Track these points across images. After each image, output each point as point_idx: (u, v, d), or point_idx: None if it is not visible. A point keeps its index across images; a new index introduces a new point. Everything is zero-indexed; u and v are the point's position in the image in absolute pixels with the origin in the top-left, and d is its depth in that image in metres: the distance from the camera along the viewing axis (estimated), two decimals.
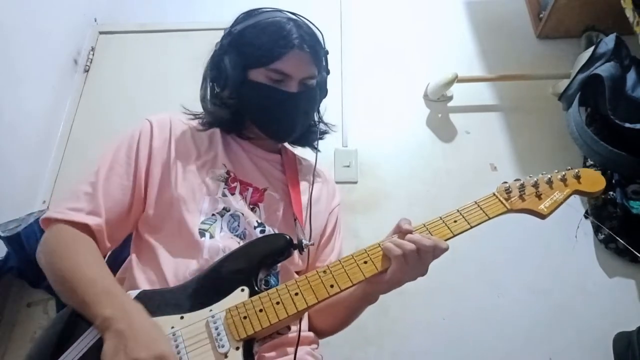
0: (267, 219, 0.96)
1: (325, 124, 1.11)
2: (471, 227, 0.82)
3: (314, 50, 0.96)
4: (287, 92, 0.95)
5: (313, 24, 1.01)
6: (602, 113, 1.58)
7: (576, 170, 0.87)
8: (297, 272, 1.00)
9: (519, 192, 0.85)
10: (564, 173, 0.87)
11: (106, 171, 0.91)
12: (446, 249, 0.80)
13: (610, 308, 1.52)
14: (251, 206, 0.96)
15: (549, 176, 0.87)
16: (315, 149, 1.08)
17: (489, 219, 0.83)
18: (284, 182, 1.03)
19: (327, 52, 1.04)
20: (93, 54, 2.10)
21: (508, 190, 0.86)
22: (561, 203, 0.84)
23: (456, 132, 1.85)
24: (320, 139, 1.09)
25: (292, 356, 0.84)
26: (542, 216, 0.84)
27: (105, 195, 0.89)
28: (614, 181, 1.56)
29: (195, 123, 1.03)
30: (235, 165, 0.99)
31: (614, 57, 1.58)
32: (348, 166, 1.80)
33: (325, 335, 1.03)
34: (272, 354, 0.87)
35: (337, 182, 1.71)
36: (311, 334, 0.98)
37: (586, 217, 1.64)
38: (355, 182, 1.78)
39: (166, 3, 2.22)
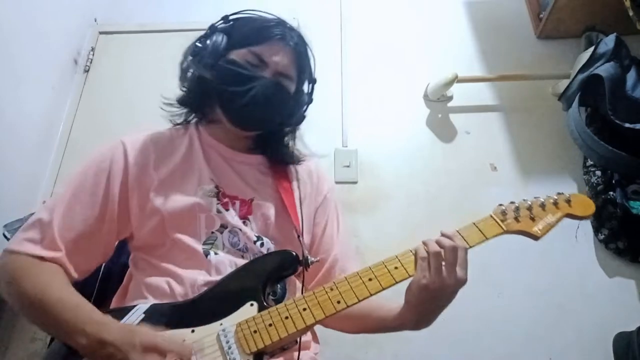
0: (260, 230, 0.96)
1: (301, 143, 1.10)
2: (470, 247, 0.85)
3: (298, 51, 0.99)
4: (258, 75, 0.94)
5: (303, 37, 1.02)
6: (602, 113, 1.58)
7: (567, 195, 0.91)
8: None
9: (514, 214, 0.89)
10: (555, 197, 0.91)
11: (68, 199, 0.88)
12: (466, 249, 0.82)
13: (610, 308, 1.52)
14: (242, 220, 0.95)
15: (542, 200, 0.91)
16: (293, 163, 1.07)
17: (487, 239, 0.87)
18: (272, 187, 1.01)
19: (313, 61, 1.04)
20: (93, 54, 2.10)
21: (504, 212, 0.89)
22: (554, 226, 0.89)
23: (456, 132, 1.85)
24: (299, 163, 1.07)
25: None
26: (536, 238, 0.89)
27: (64, 228, 0.85)
28: (614, 181, 1.56)
29: (172, 128, 1.03)
30: (220, 178, 0.97)
31: (614, 57, 1.58)
32: (348, 166, 1.80)
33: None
34: (280, 359, 0.88)
35: (337, 182, 1.73)
36: (310, 339, 0.98)
37: None
38: (355, 182, 1.78)
39: (166, 3, 2.22)
